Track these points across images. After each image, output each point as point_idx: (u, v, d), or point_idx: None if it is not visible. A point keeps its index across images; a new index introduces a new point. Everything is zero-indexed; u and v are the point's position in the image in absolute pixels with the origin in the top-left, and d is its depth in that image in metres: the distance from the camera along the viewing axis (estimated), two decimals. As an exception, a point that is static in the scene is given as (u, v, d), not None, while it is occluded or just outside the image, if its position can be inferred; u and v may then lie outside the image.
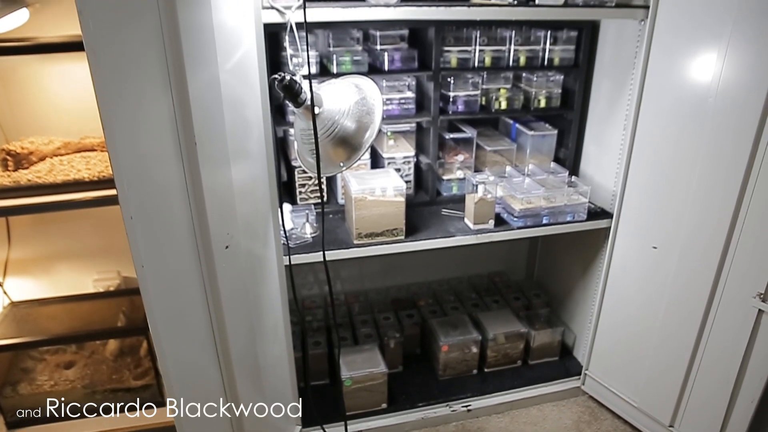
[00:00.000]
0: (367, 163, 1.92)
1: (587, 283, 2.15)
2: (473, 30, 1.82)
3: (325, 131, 1.26)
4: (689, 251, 1.66)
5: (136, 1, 1.14)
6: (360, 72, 1.75)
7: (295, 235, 1.71)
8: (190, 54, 1.22)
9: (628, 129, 1.79)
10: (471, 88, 1.88)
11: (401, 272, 2.47)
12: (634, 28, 1.74)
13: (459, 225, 1.83)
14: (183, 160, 1.25)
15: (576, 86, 1.97)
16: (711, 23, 1.49)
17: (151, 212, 1.22)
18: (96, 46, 1.08)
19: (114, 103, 1.13)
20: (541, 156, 2.06)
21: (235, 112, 1.35)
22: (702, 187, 1.58)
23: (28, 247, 2.35)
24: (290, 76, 1.23)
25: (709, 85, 1.51)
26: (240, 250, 1.43)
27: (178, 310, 1.37)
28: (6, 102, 2.14)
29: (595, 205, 1.97)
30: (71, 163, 2.05)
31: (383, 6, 1.47)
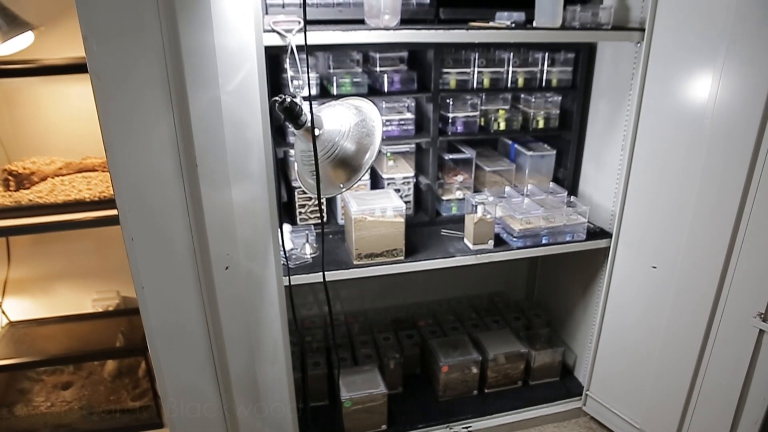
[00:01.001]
0: (366, 184, 1.93)
1: (587, 303, 2.15)
2: (472, 52, 1.85)
3: (325, 153, 1.27)
4: (689, 271, 1.66)
5: (140, 24, 1.16)
6: (360, 93, 1.76)
7: (294, 255, 1.71)
8: (192, 76, 1.23)
9: (626, 149, 1.80)
10: (470, 109, 1.89)
11: (401, 292, 2.47)
12: (630, 50, 1.76)
13: (458, 245, 1.83)
14: (184, 181, 1.26)
15: (574, 107, 1.99)
16: (705, 46, 1.51)
17: (152, 233, 1.23)
18: (99, 69, 1.09)
19: (116, 124, 1.14)
20: (540, 176, 2.07)
21: (235, 133, 1.36)
22: (700, 207, 1.59)
23: (28, 266, 2.35)
24: (291, 98, 1.24)
25: (705, 105, 1.53)
26: (240, 271, 1.43)
27: (178, 330, 1.37)
28: (9, 122, 2.16)
29: (594, 225, 1.98)
30: (72, 184, 2.06)
31: (383, 29, 1.49)
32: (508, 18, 1.67)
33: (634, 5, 1.74)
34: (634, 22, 1.74)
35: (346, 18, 1.67)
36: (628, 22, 1.76)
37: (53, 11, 2.00)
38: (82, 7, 1.06)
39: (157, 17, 1.18)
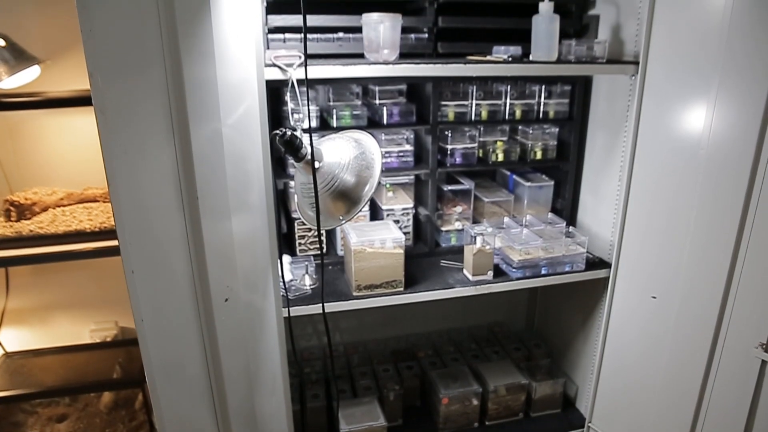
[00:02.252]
0: (366, 215, 1.94)
1: (588, 333, 2.14)
2: (470, 85, 1.88)
3: (325, 185, 1.28)
4: (688, 301, 1.66)
5: (144, 59, 1.19)
6: (359, 126, 1.79)
7: (294, 286, 1.71)
8: (194, 109, 1.25)
9: (623, 180, 1.82)
10: (468, 140, 1.91)
11: (400, 323, 2.46)
12: (625, 82, 1.79)
13: (458, 276, 1.83)
14: (185, 214, 1.27)
15: (571, 138, 2.01)
16: (699, 79, 1.54)
17: (152, 266, 1.23)
18: (104, 104, 1.11)
19: (119, 158, 1.16)
20: (538, 207, 2.08)
21: (236, 166, 1.37)
22: (698, 237, 1.60)
23: (26, 296, 2.35)
24: (291, 131, 1.26)
25: (700, 136, 1.55)
26: (239, 303, 1.43)
27: (176, 363, 1.36)
28: (12, 153, 2.18)
29: (593, 255, 1.98)
30: (73, 214, 2.08)
31: (382, 64, 1.52)
32: (505, 52, 1.70)
33: (627, 39, 1.78)
34: (628, 55, 1.77)
35: (346, 52, 1.71)
36: (622, 55, 1.80)
37: (59, 45, 2.04)
38: (89, 44, 1.09)
39: (162, 52, 1.20)
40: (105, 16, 1.11)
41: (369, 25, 1.55)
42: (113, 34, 1.13)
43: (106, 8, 1.11)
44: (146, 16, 1.16)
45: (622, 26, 1.80)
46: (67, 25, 2.01)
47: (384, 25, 1.54)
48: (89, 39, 1.08)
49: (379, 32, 1.54)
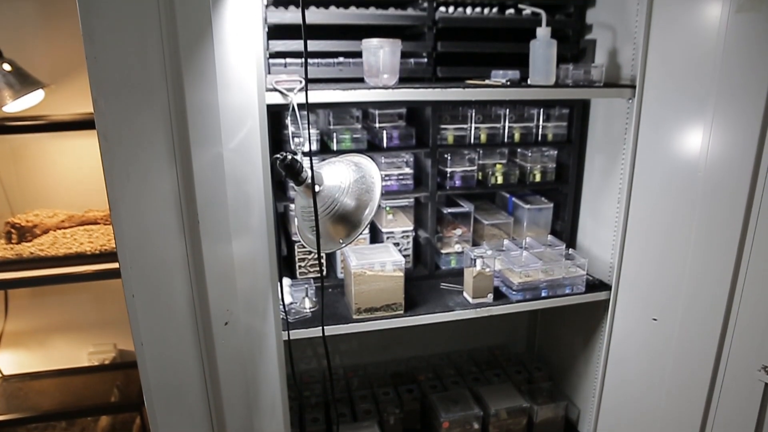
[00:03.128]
0: (366, 238, 1.94)
1: (589, 356, 2.13)
2: (469, 108, 1.90)
3: (325, 209, 1.29)
4: (689, 323, 1.65)
5: (147, 84, 1.20)
6: (359, 149, 1.80)
7: (294, 309, 1.71)
8: (196, 134, 1.27)
9: (622, 202, 1.83)
10: (467, 163, 1.93)
11: (401, 346, 2.45)
12: (622, 105, 1.81)
13: (458, 299, 1.83)
14: (185, 237, 1.28)
15: (570, 161, 2.03)
16: (695, 102, 1.55)
17: (153, 290, 1.23)
18: (107, 130, 1.12)
19: (121, 182, 1.16)
20: (538, 229, 2.09)
21: (237, 189, 1.38)
22: (697, 259, 1.60)
23: (25, 319, 2.34)
24: (291, 155, 1.27)
25: (698, 159, 1.56)
26: (239, 326, 1.43)
27: (175, 386, 1.36)
28: (15, 175, 2.20)
29: (593, 277, 1.98)
30: (74, 236, 2.08)
31: (382, 88, 1.54)
32: (503, 76, 1.72)
33: (624, 63, 1.80)
34: (625, 79, 1.79)
35: (347, 76, 1.73)
36: (619, 79, 1.82)
37: (63, 70, 2.07)
38: (94, 71, 1.11)
39: (164, 77, 1.22)
40: (110, 45, 1.12)
41: (369, 50, 1.58)
42: (117, 61, 1.14)
43: (111, 37, 1.13)
44: (150, 43, 1.18)
45: (619, 50, 1.82)
46: (72, 50, 2.04)
47: (384, 51, 1.56)
48: (94, 66, 1.10)
49: (379, 57, 1.56)
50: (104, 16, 1.12)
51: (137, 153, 1.19)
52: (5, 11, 2.01)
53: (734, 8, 1.42)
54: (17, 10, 2.03)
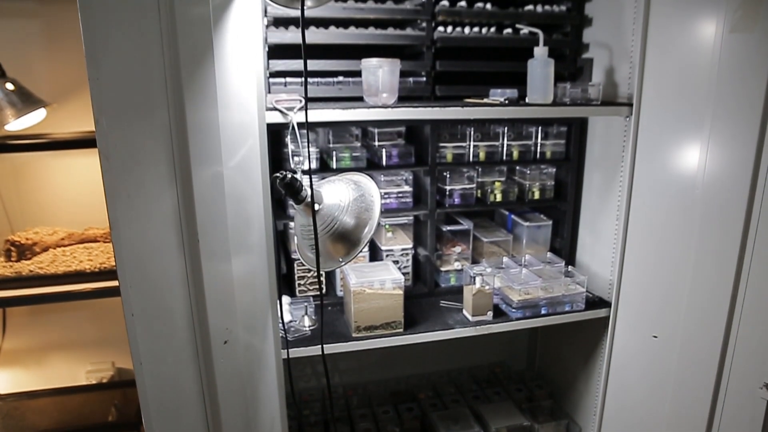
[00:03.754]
0: (365, 256, 1.94)
1: (590, 374, 2.12)
2: (467, 127, 1.91)
3: (324, 227, 1.29)
4: (690, 340, 1.65)
5: (149, 103, 1.22)
6: (359, 167, 1.81)
7: (293, 327, 1.70)
8: (196, 152, 1.28)
9: (621, 219, 1.83)
10: (466, 181, 1.93)
11: (400, 364, 2.43)
12: (620, 123, 1.82)
13: (458, 317, 1.83)
14: (185, 256, 1.28)
15: (568, 178, 2.04)
16: (691, 120, 1.56)
17: (152, 309, 1.23)
18: (108, 150, 1.13)
19: (122, 201, 1.17)
20: (537, 246, 2.09)
21: (237, 207, 1.39)
22: (697, 276, 1.60)
23: (22, 337, 2.34)
24: (291, 174, 1.28)
25: (695, 176, 1.57)
26: (238, 345, 1.43)
27: (174, 406, 1.35)
28: (15, 193, 2.21)
29: (593, 295, 1.98)
30: (74, 254, 2.08)
31: (381, 107, 1.55)
32: (501, 95, 1.73)
33: (621, 82, 1.82)
34: (622, 97, 1.81)
35: (346, 95, 1.74)
36: (616, 97, 1.83)
37: (65, 89, 2.09)
38: (96, 91, 1.12)
39: (166, 97, 1.23)
40: (112, 66, 1.14)
41: (368, 69, 1.59)
42: (119, 81, 1.16)
43: (113, 58, 1.14)
44: (151, 64, 1.20)
45: (616, 69, 1.84)
46: (74, 70, 2.06)
47: (383, 70, 1.57)
48: (96, 86, 1.11)
49: (378, 77, 1.57)
50: (107, 37, 1.14)
51: (138, 172, 1.20)
52: (9, 31, 2.04)
53: (728, 28, 1.44)
54: (21, 30, 2.05)
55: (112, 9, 1.14)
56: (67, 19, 2.05)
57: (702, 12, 1.50)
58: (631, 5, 1.73)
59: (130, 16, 1.16)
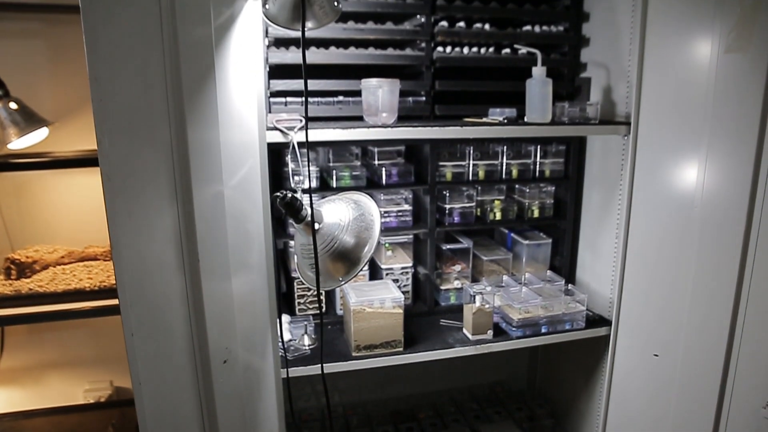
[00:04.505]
0: (365, 274, 1.94)
1: (591, 392, 2.10)
2: (467, 145, 1.92)
3: (324, 246, 1.29)
4: (691, 359, 1.64)
5: (150, 123, 1.23)
6: (359, 186, 1.82)
7: (293, 346, 1.70)
8: (197, 171, 1.29)
9: (620, 237, 1.84)
10: (466, 200, 1.94)
11: (400, 383, 2.42)
12: (618, 142, 1.84)
13: (458, 335, 1.82)
14: (185, 275, 1.28)
15: (567, 196, 2.05)
16: (688, 138, 1.58)
17: (152, 328, 1.23)
18: (111, 170, 1.14)
19: (123, 220, 1.17)
20: (537, 264, 2.09)
21: (237, 226, 1.39)
22: (697, 294, 1.60)
23: (21, 355, 2.33)
24: (292, 194, 1.28)
25: (694, 194, 1.57)
26: (238, 364, 1.42)
27: (173, 426, 1.34)
28: (17, 211, 2.21)
29: (593, 313, 1.97)
30: (73, 272, 2.08)
31: (381, 127, 1.57)
32: (500, 114, 1.75)
33: (619, 101, 1.83)
34: (620, 116, 1.82)
35: (346, 115, 1.76)
36: (614, 116, 1.85)
37: (68, 107, 2.10)
38: (99, 113, 1.13)
39: (167, 117, 1.24)
40: (115, 87, 1.15)
41: (368, 89, 1.61)
42: (122, 101, 1.17)
43: (117, 79, 1.15)
44: (154, 85, 1.21)
45: (613, 88, 1.86)
46: (76, 89, 2.08)
47: (382, 90, 1.59)
48: (99, 108, 1.12)
49: (378, 96, 1.59)
50: (110, 59, 1.15)
51: (139, 192, 1.21)
52: (14, 51, 2.06)
53: (723, 49, 1.45)
54: (25, 50, 2.08)
55: (116, 30, 1.16)
56: (70, 39, 2.07)
57: (697, 33, 1.52)
58: (627, 26, 1.75)
59: (134, 38, 1.18)
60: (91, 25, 1.13)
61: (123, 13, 1.16)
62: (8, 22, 2.04)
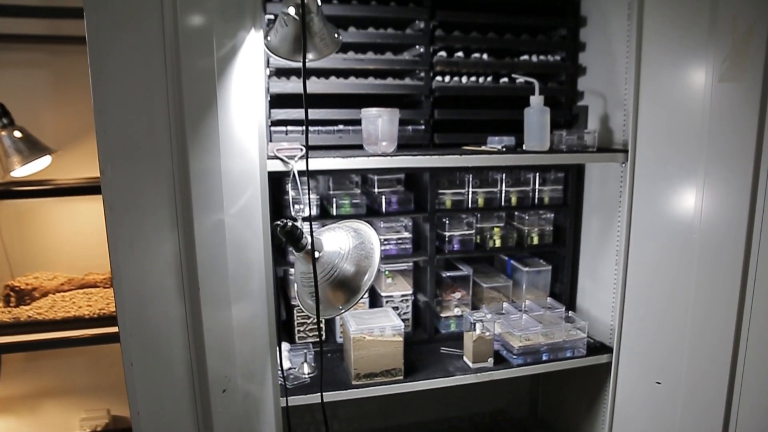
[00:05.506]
0: (365, 302, 1.94)
1: (593, 421, 2.08)
2: (466, 173, 1.93)
3: (324, 275, 1.30)
4: (694, 386, 1.63)
5: (153, 151, 1.24)
6: (359, 214, 1.83)
7: (292, 375, 1.69)
8: (198, 199, 1.30)
9: (620, 264, 1.84)
10: (466, 227, 1.95)
11: (401, 411, 2.39)
12: (616, 169, 1.85)
13: (458, 363, 1.81)
14: (185, 303, 1.29)
15: (567, 223, 2.05)
16: (686, 165, 1.59)
17: (151, 357, 1.23)
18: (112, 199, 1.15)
19: (125, 250, 1.18)
20: (537, 291, 2.09)
21: (237, 254, 1.40)
22: (698, 320, 1.59)
23: (17, 383, 2.31)
24: (292, 222, 1.29)
25: (692, 220, 1.58)
26: (237, 393, 1.41)
27: (170, 458, 1.33)
28: (18, 238, 2.22)
29: (594, 340, 1.96)
30: (73, 300, 2.08)
31: (380, 156, 1.58)
32: (499, 142, 1.77)
33: (616, 128, 1.85)
34: (617, 143, 1.84)
35: (346, 143, 1.78)
36: (612, 143, 1.87)
37: (71, 135, 2.13)
38: (103, 143, 1.14)
39: (170, 147, 1.26)
40: (119, 118, 1.17)
41: (368, 119, 1.63)
42: (125, 132, 1.19)
43: (121, 111, 1.17)
44: (156, 115, 1.23)
45: (610, 116, 1.88)
46: (79, 117, 2.11)
47: (382, 119, 1.61)
48: (103, 139, 1.14)
49: (378, 126, 1.61)
50: (115, 90, 1.17)
51: (141, 221, 1.22)
52: (20, 81, 2.10)
53: (717, 78, 1.48)
54: (31, 79, 2.11)
55: (121, 63, 1.18)
56: (74, 68, 2.11)
57: (691, 62, 1.55)
58: (623, 55, 1.78)
59: (138, 70, 1.20)
60: (97, 57, 1.15)
61: (128, 45, 1.19)
62: (16, 52, 2.08)
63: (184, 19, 1.24)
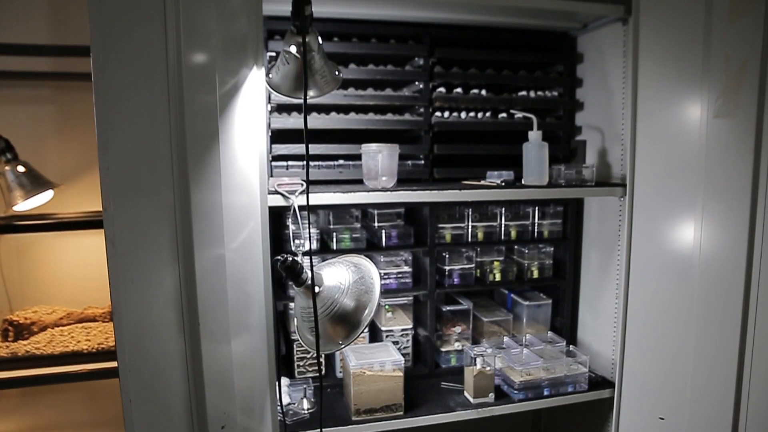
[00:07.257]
0: (365, 336, 1.93)
1: (597, 459, 2.05)
2: (466, 207, 1.95)
3: (324, 310, 1.29)
4: (698, 421, 1.61)
5: (155, 187, 1.26)
6: (359, 248, 1.83)
7: (292, 410, 1.67)
8: (199, 234, 1.30)
9: (620, 297, 1.83)
10: (465, 261, 1.95)
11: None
12: (615, 202, 1.86)
13: (459, 399, 1.79)
14: (185, 338, 1.28)
15: (566, 257, 2.06)
16: (683, 199, 1.60)
17: (150, 393, 1.22)
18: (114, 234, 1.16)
19: (126, 286, 1.18)
20: (537, 325, 2.08)
21: (237, 288, 1.40)
22: (700, 354, 1.58)
23: (14, 419, 2.27)
24: (292, 257, 1.29)
25: (692, 253, 1.58)
26: (236, 429, 1.40)
27: (167, 497, 1.30)
28: (17, 272, 2.21)
29: (596, 374, 1.95)
30: (71, 334, 2.06)
31: (380, 191, 1.59)
32: (498, 177, 1.78)
33: (614, 163, 1.87)
34: (615, 177, 1.86)
35: (347, 178, 1.80)
36: (610, 177, 1.88)
37: (73, 170, 2.15)
38: (106, 180, 1.16)
39: (172, 183, 1.27)
40: (122, 155, 1.19)
41: (368, 154, 1.64)
42: (128, 168, 1.20)
43: (124, 148, 1.19)
44: (160, 150, 1.25)
45: (608, 151, 1.90)
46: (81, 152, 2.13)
47: (382, 154, 1.63)
48: (106, 175, 1.15)
49: (378, 161, 1.62)
50: (119, 127, 1.19)
51: (142, 257, 1.22)
52: (25, 116, 2.13)
53: (712, 114, 1.50)
54: (36, 115, 2.14)
55: (125, 100, 1.21)
56: (78, 104, 2.14)
57: (686, 98, 1.58)
58: (619, 91, 1.81)
59: (142, 107, 1.22)
60: (102, 95, 1.17)
61: (132, 82, 1.21)
62: (21, 88, 2.11)
63: (187, 57, 1.26)
